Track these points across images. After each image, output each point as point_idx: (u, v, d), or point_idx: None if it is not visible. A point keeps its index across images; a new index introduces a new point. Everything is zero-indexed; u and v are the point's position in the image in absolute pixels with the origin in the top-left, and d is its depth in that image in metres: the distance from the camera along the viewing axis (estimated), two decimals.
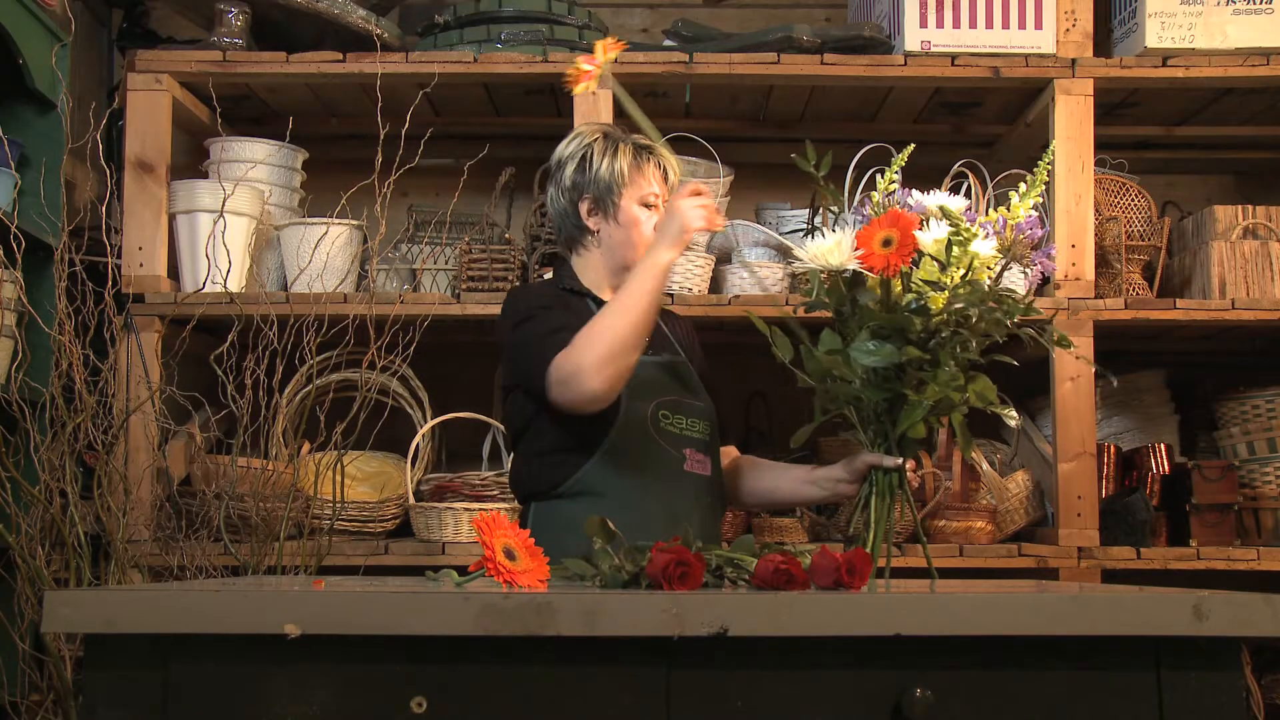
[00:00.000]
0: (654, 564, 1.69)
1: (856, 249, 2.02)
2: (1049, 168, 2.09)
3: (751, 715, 1.49)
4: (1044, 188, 2.09)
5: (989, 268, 2.02)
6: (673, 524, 2.21)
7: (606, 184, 2.36)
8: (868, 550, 2.09)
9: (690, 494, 2.33)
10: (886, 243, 1.98)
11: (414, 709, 1.47)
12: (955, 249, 1.96)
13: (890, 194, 2.16)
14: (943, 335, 1.99)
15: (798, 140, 3.71)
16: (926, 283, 1.99)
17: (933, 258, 2.00)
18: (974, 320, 2.00)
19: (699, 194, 2.20)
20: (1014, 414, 2.11)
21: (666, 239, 2.20)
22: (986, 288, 2.00)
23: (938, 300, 1.95)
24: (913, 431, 2.08)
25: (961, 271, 1.98)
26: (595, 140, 2.40)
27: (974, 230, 1.98)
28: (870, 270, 2.01)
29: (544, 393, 2.21)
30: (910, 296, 2.02)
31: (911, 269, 2.03)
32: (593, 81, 2.27)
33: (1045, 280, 3.23)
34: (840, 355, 2.03)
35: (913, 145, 2.25)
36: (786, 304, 3.09)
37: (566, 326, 2.25)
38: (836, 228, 2.10)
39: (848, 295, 2.06)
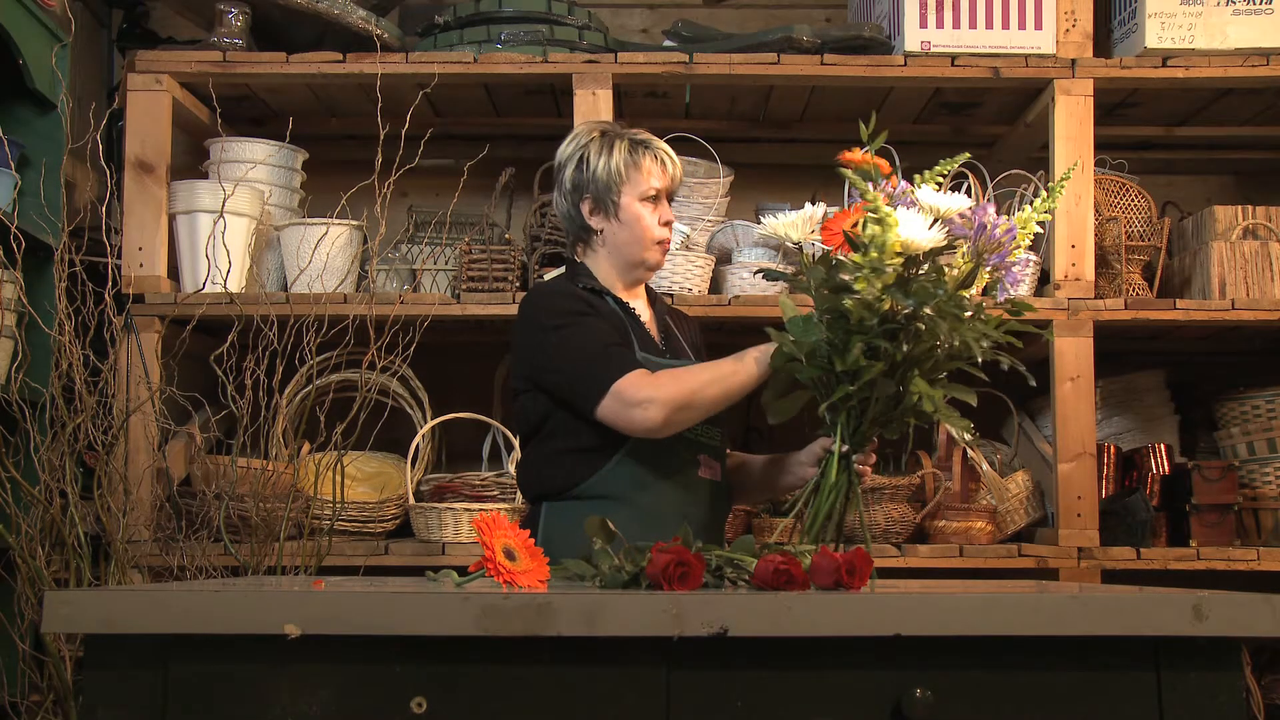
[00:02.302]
0: (654, 564, 1.69)
1: (822, 227, 2.00)
2: (1064, 183, 2.06)
3: (751, 715, 1.49)
4: (1047, 195, 2.05)
5: (955, 268, 1.97)
6: (684, 528, 2.22)
7: (604, 183, 2.35)
8: (809, 536, 2.05)
9: (703, 500, 2.33)
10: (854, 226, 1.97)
11: (414, 709, 1.47)
12: (872, 229, 1.91)
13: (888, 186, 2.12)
14: (871, 325, 1.93)
15: (798, 141, 3.75)
16: (858, 265, 1.91)
17: (849, 238, 1.94)
18: (927, 322, 1.93)
19: None
20: (968, 429, 2.05)
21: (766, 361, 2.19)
22: (952, 294, 1.93)
23: (862, 284, 1.90)
24: (840, 412, 2.01)
25: (895, 258, 1.91)
26: (591, 140, 2.38)
27: (892, 215, 1.91)
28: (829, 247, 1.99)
29: (593, 403, 2.21)
30: (846, 278, 1.97)
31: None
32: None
33: (1045, 280, 3.24)
34: (785, 330, 2.03)
35: (965, 155, 2.15)
36: None
37: (618, 341, 2.26)
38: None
39: (806, 273, 2.03)
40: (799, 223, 2.08)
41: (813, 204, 2.16)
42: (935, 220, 1.94)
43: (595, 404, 2.21)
